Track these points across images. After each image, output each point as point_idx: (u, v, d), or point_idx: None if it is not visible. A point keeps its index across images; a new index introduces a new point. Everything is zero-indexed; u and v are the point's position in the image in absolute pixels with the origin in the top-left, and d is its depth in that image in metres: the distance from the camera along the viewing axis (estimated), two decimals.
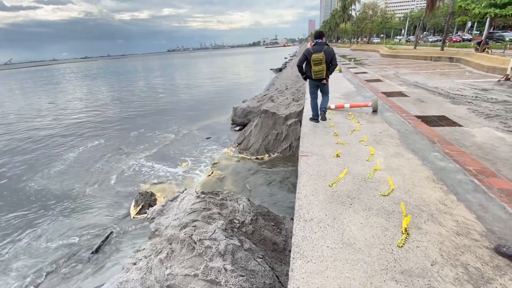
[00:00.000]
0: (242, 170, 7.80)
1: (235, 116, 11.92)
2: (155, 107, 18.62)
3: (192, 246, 2.94)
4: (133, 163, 9.15)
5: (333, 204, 2.53)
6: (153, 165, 8.82)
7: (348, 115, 5.37)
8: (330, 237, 2.12)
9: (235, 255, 2.90)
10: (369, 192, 2.69)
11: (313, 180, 2.97)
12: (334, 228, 2.22)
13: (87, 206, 6.68)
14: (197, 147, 10.14)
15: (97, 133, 13.07)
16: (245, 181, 7.09)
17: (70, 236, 5.61)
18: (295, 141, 8.36)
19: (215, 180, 7.39)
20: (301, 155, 3.61)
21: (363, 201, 2.55)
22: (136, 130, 12.97)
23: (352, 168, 3.17)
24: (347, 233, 2.15)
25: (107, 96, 24.74)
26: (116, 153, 10.21)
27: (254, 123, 9.74)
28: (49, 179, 8.37)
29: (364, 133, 4.29)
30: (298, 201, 2.62)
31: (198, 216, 3.58)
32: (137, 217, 6.10)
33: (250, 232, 3.58)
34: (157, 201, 6.50)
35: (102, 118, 16.27)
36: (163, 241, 3.27)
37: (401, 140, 3.98)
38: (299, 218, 2.38)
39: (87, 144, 11.56)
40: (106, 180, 7.99)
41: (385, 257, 1.91)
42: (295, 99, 9.91)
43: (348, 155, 3.55)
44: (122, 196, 7.05)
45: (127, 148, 10.61)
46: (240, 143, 9.55)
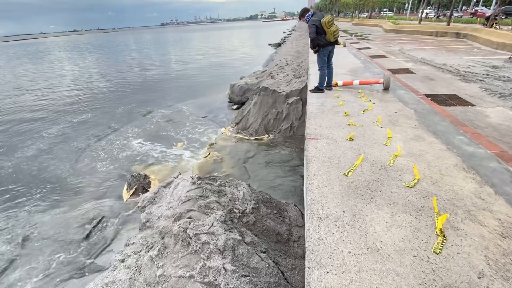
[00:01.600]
0: (240, 151, 7.43)
1: (233, 93, 11.38)
2: (147, 83, 17.75)
3: (187, 241, 2.60)
4: (124, 142, 8.69)
5: (351, 198, 2.16)
6: (146, 145, 8.38)
7: (357, 93, 4.93)
8: (352, 240, 1.77)
9: (235, 251, 2.58)
10: (391, 183, 2.32)
11: (325, 168, 2.58)
12: (355, 228, 1.87)
13: (75, 189, 6.31)
14: (193, 127, 9.66)
15: (84, 110, 12.42)
16: (243, 164, 6.74)
17: (57, 222, 5.28)
18: (296, 121, 7.94)
19: (212, 162, 7.02)
20: (309, 138, 3.20)
21: (386, 194, 2.18)
22: (127, 107, 12.34)
23: (369, 154, 2.79)
24: (371, 235, 1.80)
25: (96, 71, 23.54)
26: (105, 131, 9.69)
27: (252, 101, 9.26)
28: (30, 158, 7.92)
29: (377, 113, 3.89)
30: (309, 193, 2.25)
31: (193, 205, 3.23)
32: (130, 200, 5.78)
33: (252, 222, 3.26)
34: (151, 184, 6.16)
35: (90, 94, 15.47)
36: (154, 235, 2.93)
37: (419, 121, 3.57)
38: (312, 215, 2.01)
39: (73, 120, 10.97)
40: (95, 161, 7.58)
41: (420, 267, 1.57)
42: (297, 76, 9.34)
43: (363, 138, 3.15)
44: (113, 178, 6.68)
45: (117, 126, 10.08)
46: (238, 123, 9.12)
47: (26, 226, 5.22)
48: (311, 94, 4.97)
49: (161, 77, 19.02)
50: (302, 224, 3.81)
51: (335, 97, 4.75)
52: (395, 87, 5.24)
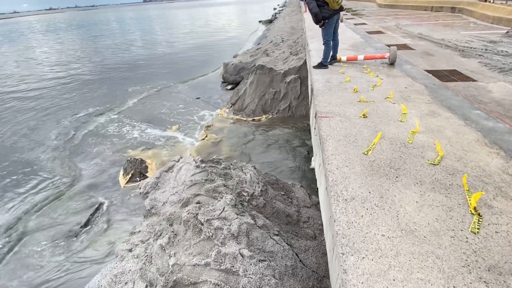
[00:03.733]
0: (238, 133, 7.26)
1: (226, 73, 10.97)
2: (133, 65, 16.84)
3: (198, 227, 2.46)
4: (116, 126, 8.32)
5: (375, 178, 2.04)
6: (139, 128, 8.06)
7: (363, 69, 4.74)
8: (383, 222, 1.66)
9: (250, 235, 2.47)
10: (415, 161, 2.20)
11: (343, 147, 2.43)
12: (385, 209, 1.75)
13: (68, 176, 6.03)
14: (187, 108, 9.33)
15: (68, 95, 11.74)
16: (243, 145, 6.57)
17: (54, 209, 5.07)
18: (295, 101, 7.74)
19: (210, 144, 6.83)
20: (321, 116, 3.02)
21: (411, 173, 2.07)
22: (113, 91, 11.72)
23: (386, 131, 2.66)
24: (402, 216, 1.69)
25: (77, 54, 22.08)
26: (93, 116, 9.22)
27: (248, 80, 8.96)
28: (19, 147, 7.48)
29: (387, 89, 3.73)
30: (330, 174, 2.11)
31: (200, 189, 3.07)
32: (127, 186, 5.59)
33: (262, 205, 3.15)
34: (148, 168, 5.95)
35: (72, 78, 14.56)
36: (162, 222, 2.78)
37: (432, 96, 3.44)
38: (337, 197, 1.88)
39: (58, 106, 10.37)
40: (87, 146, 7.25)
41: (460, 248, 1.48)
42: (294, 53, 8.99)
43: (376, 115, 3.00)
44: (108, 164, 6.43)
45: (105, 110, 9.62)
46: (234, 104, 8.87)
47: (22, 216, 4.99)
48: (315, 70, 4.74)
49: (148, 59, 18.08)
50: (310, 205, 3.74)
51: (341, 73, 4.55)
52: (401, 62, 5.07)
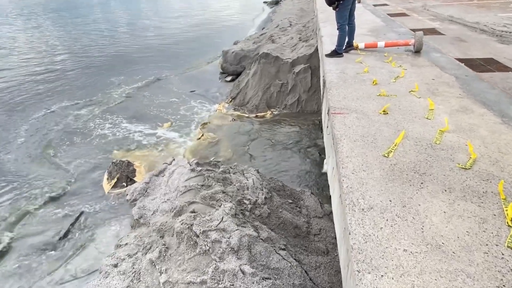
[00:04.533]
0: (240, 131, 7.30)
1: (226, 62, 11.02)
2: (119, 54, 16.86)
3: (193, 240, 2.49)
4: (99, 123, 8.39)
5: (396, 184, 2.05)
6: (126, 126, 8.13)
7: (384, 57, 4.75)
8: (406, 235, 1.67)
9: (252, 249, 2.49)
10: (443, 164, 2.21)
11: (359, 149, 2.45)
12: (408, 220, 1.76)
13: (46, 182, 6.11)
14: (180, 103, 9.38)
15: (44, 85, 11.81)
16: (245, 146, 6.61)
17: (27, 219, 5.14)
18: (304, 94, 7.77)
19: (206, 144, 6.87)
20: (334, 113, 3.04)
21: (439, 178, 2.08)
22: (98, 83, 11.77)
23: (410, 130, 2.67)
24: (428, 228, 1.70)
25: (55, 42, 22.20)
26: (74, 112, 9.30)
27: (251, 71, 9.00)
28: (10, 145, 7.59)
29: (412, 81, 3.74)
30: (344, 180, 2.12)
31: (195, 196, 3.10)
32: (113, 192, 5.64)
33: (266, 215, 3.18)
34: (136, 172, 6.00)
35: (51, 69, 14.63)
36: (151, 233, 2.81)
37: (464, 89, 3.43)
38: (352, 206, 1.89)
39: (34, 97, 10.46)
40: (67, 147, 7.32)
41: (495, 265, 1.48)
42: (303, 39, 9.00)
43: (399, 111, 3.01)
44: (90, 166, 6.49)
45: (88, 106, 9.67)
46: (234, 98, 8.92)
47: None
48: (328, 59, 4.76)
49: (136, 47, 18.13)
50: (322, 215, 3.75)
51: (358, 62, 4.56)
52: (427, 49, 5.06)
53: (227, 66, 11.01)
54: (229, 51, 10.87)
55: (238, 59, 10.67)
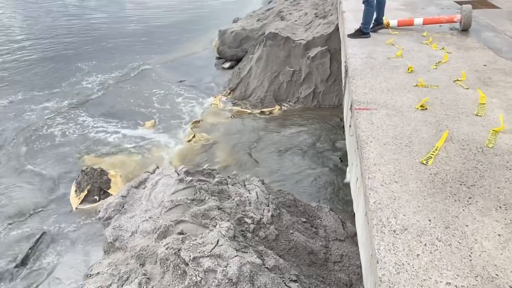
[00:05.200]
0: (241, 131, 7.39)
1: (223, 45, 11.16)
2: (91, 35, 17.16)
3: (181, 269, 2.52)
4: (66, 120, 8.53)
5: (437, 199, 2.06)
6: (99, 124, 8.29)
7: (422, 38, 4.79)
8: (449, 264, 1.67)
9: (255, 281, 2.51)
10: (497, 174, 2.22)
11: (391, 154, 2.46)
12: (452, 245, 1.76)
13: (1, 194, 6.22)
14: (166, 96, 9.55)
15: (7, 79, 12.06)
16: (246, 150, 6.66)
17: None
18: (322, 84, 7.85)
19: (199, 148, 6.97)
20: (359, 109, 3.06)
21: (491, 192, 2.08)
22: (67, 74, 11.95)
23: (455, 130, 2.68)
24: (478, 256, 1.70)
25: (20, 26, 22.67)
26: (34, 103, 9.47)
27: (255, 56, 9.08)
28: None
29: (458, 67, 3.77)
30: (372, 193, 2.13)
31: (184, 213, 3.15)
32: (82, 207, 5.75)
33: (273, 237, 3.21)
34: (112, 182, 6.10)
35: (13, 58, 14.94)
36: (129, 260, 2.85)
37: None
38: (381, 227, 1.90)
39: None
40: (25, 150, 7.46)
41: None
42: (320, 15, 9.09)
43: (441, 106, 3.04)
44: (54, 176, 6.63)
45: (53, 100, 9.83)
46: (233, 89, 9.01)
47: None
48: (351, 41, 4.82)
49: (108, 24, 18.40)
50: (344, 237, 3.76)
51: (389, 44, 4.60)
52: (478, 27, 5.11)
53: (224, 49, 11.12)
54: (227, 31, 11.00)
55: (238, 41, 10.77)
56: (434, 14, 5.77)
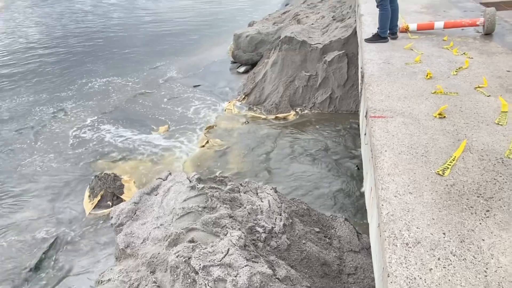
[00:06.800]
0: (254, 137, 7.44)
1: (238, 49, 11.25)
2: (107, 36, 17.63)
3: (191, 278, 2.58)
4: (81, 127, 8.76)
5: (453, 211, 2.05)
6: (113, 131, 8.46)
7: (442, 42, 4.77)
8: (463, 280, 1.67)
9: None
10: None
11: (406, 164, 2.46)
12: (467, 260, 1.76)
13: (16, 197, 6.45)
14: (180, 101, 9.68)
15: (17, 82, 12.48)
16: (259, 157, 6.70)
17: None
18: (339, 90, 7.85)
19: (212, 154, 7.04)
20: (374, 116, 3.07)
21: (511, 205, 2.07)
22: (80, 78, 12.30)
23: (474, 139, 2.66)
24: (493, 272, 1.69)
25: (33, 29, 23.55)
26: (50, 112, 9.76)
27: (270, 60, 9.14)
28: None
29: (479, 73, 3.72)
30: (385, 205, 2.14)
31: (195, 221, 3.21)
32: (95, 213, 5.88)
33: (285, 247, 3.23)
34: (125, 188, 6.23)
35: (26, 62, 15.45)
36: (140, 267, 2.93)
37: None
38: (393, 240, 1.91)
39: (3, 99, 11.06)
40: (39, 157, 7.69)
41: None
42: (338, 18, 9.09)
43: (460, 114, 3.02)
44: (69, 181, 6.81)
45: (66, 105, 10.12)
46: (248, 94, 9.07)
47: None
48: (368, 45, 4.84)
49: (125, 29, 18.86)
50: (359, 248, 3.75)
51: (408, 49, 4.60)
52: (503, 31, 5.04)
53: (239, 53, 11.21)
54: (243, 34, 11.08)
55: (253, 45, 10.85)
56: (457, 17, 5.71)
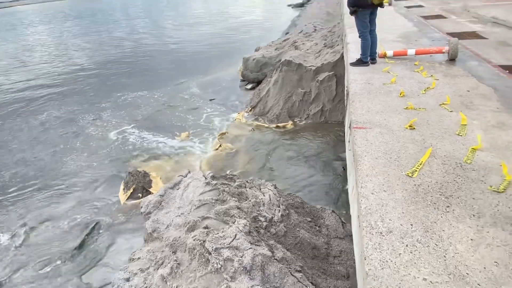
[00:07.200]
0: (259, 142, 7.42)
1: (246, 70, 11.27)
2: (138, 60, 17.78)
3: (205, 257, 2.59)
4: (116, 132, 8.85)
5: (419, 207, 2.05)
6: (143, 136, 8.52)
7: (414, 66, 4.71)
8: (426, 263, 1.67)
9: (265, 270, 2.55)
10: (472, 187, 2.18)
11: (381, 167, 2.47)
12: (430, 247, 1.77)
13: (63, 190, 6.53)
14: (198, 112, 9.70)
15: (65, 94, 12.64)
16: (263, 158, 6.71)
17: (45, 229, 5.50)
18: (329, 103, 7.80)
19: (224, 155, 7.05)
20: (356, 127, 3.07)
21: (467, 202, 2.05)
22: (116, 90, 12.45)
23: (438, 147, 2.65)
24: (451, 257, 1.70)
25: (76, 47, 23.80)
26: (91, 119, 9.89)
27: (272, 79, 9.13)
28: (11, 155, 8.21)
29: (444, 93, 3.69)
30: (363, 200, 2.15)
31: (209, 211, 3.22)
32: (128, 203, 5.93)
33: (282, 233, 3.23)
34: (152, 183, 6.26)
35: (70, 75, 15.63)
36: (164, 248, 2.95)
37: (502, 102, 3.34)
38: (370, 229, 1.92)
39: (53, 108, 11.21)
40: (83, 156, 7.78)
41: None
42: (328, 45, 9.06)
43: (427, 126, 3.00)
44: (106, 177, 6.86)
45: (105, 113, 10.25)
46: (254, 107, 9.07)
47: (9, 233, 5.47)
48: (353, 68, 4.80)
49: (156, 52, 19.06)
50: (343, 235, 3.74)
51: (385, 71, 4.56)
52: (464, 57, 4.96)
53: (247, 73, 11.23)
54: (250, 58, 11.11)
55: (259, 67, 10.86)
56: (426, 45, 5.64)
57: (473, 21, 9.56)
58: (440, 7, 12.03)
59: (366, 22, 4.68)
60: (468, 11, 10.87)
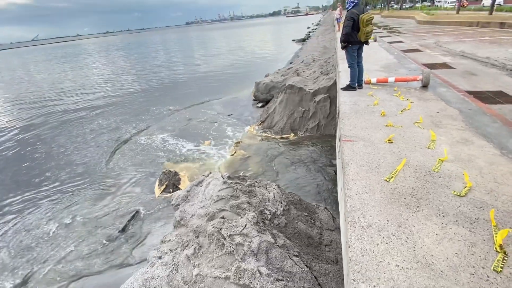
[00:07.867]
0: (266, 150, 7.43)
1: (258, 91, 11.35)
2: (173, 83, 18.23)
3: (221, 242, 2.63)
4: (154, 139, 9.05)
5: (394, 206, 2.04)
6: (175, 142, 8.67)
7: (393, 91, 4.67)
8: (399, 252, 1.67)
9: (269, 254, 2.57)
10: (439, 191, 2.16)
11: (364, 173, 2.47)
12: (402, 239, 1.76)
13: (110, 184, 6.70)
14: (219, 125, 9.81)
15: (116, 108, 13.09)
16: (270, 162, 6.72)
17: (95, 214, 5.64)
18: (324, 120, 7.77)
19: (238, 160, 7.09)
20: (344, 140, 3.08)
21: (434, 203, 2.04)
22: (156, 106, 12.80)
23: (411, 158, 2.63)
24: (420, 248, 1.69)
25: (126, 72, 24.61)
26: (135, 129, 10.15)
27: (278, 99, 9.19)
28: (68, 155, 8.49)
29: (417, 113, 3.66)
30: (349, 200, 2.16)
31: (225, 205, 3.26)
32: (162, 196, 6.01)
33: (283, 224, 3.23)
34: (181, 181, 6.35)
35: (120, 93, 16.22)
36: (189, 233, 3.01)
37: (466, 122, 3.30)
38: (353, 224, 1.93)
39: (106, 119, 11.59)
40: (128, 157, 7.97)
41: (480, 286, 1.44)
42: (324, 73, 9.09)
43: (403, 140, 2.97)
44: (145, 174, 6.99)
45: (146, 124, 10.52)
46: (263, 121, 9.12)
47: (65, 217, 5.63)
48: (343, 92, 4.80)
49: (186, 77, 19.52)
50: (333, 228, 3.71)
51: (369, 95, 4.55)
52: (435, 84, 4.91)
53: (258, 94, 11.32)
54: (261, 82, 11.21)
55: (268, 89, 10.94)
56: (403, 74, 5.63)
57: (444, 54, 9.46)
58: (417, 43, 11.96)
59: (354, 55, 4.70)
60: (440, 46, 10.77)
